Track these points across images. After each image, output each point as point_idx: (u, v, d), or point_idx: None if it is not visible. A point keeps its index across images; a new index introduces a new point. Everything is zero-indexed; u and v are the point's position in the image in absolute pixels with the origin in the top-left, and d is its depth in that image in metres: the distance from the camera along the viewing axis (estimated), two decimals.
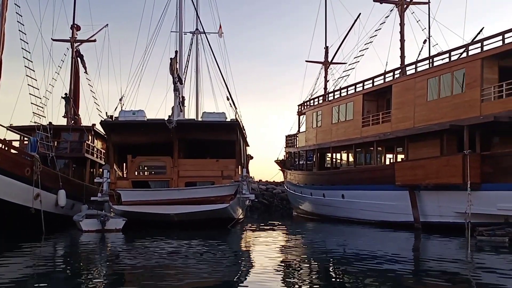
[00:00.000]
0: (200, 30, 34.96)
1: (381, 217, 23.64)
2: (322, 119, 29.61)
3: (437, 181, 20.13)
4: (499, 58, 18.86)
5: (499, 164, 18.50)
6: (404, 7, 28.03)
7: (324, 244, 17.68)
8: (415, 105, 22.19)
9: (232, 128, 22.74)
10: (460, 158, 18.98)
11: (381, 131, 24.09)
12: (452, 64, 20.34)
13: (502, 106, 18.09)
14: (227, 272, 11.57)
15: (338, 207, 27.07)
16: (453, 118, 20.01)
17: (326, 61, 38.46)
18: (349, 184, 25.94)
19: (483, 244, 16.27)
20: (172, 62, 20.70)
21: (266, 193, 44.11)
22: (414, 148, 22.85)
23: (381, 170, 23.87)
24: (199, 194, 21.91)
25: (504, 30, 18.25)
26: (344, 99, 27.62)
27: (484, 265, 12.98)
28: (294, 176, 33.47)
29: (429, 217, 21.33)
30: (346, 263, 12.81)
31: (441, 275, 11.47)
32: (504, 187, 18.13)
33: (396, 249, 16.16)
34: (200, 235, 18.61)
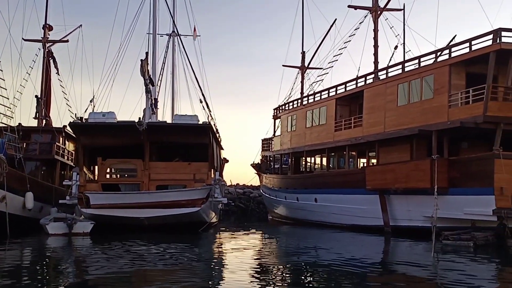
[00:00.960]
0: (176, 32, 34.90)
1: (352, 221, 23.77)
2: (297, 123, 29.72)
3: (406, 185, 20.32)
4: (466, 65, 19.16)
5: (466, 169, 18.78)
6: (378, 13, 28.34)
7: (296, 248, 17.70)
8: (385, 110, 22.41)
9: (204, 131, 22.63)
10: (428, 163, 19.20)
11: (353, 136, 24.27)
12: (421, 70, 20.61)
13: (468, 111, 18.37)
14: (198, 277, 11.50)
15: (311, 211, 27.14)
16: (422, 123, 20.24)
17: (302, 65, 38.70)
18: (321, 188, 26.03)
19: (449, 248, 16.49)
20: (143, 64, 20.52)
21: (243, 197, 44.06)
22: (385, 153, 23.08)
23: (352, 174, 24.02)
24: (170, 198, 21.73)
25: (471, 37, 18.56)
26: (317, 103, 27.77)
27: (446, 268, 13.16)
28: (269, 180, 33.48)
29: (398, 221, 21.51)
30: (317, 267, 12.86)
31: (403, 278, 11.62)
32: (470, 191, 18.39)
33: (364, 253, 16.31)
34: (171, 239, 18.46)
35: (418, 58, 21.12)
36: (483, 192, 17.83)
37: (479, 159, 18.34)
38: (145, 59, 20.84)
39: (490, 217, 17.67)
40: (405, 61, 21.99)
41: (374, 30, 28.37)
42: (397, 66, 22.35)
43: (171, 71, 36.39)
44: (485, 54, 17.77)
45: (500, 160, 17.37)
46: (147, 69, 21.20)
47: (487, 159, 17.88)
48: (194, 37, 30.99)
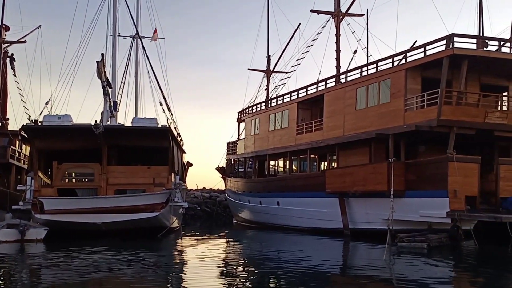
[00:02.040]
0: (140, 34, 34.37)
1: (313, 224, 23.84)
2: (260, 127, 29.69)
3: (364, 188, 20.52)
4: (422, 69, 19.50)
5: (421, 172, 19.08)
6: (339, 18, 28.68)
7: (258, 252, 17.66)
8: (345, 114, 22.60)
9: (164, 134, 22.30)
10: (385, 166, 19.43)
11: (314, 139, 24.38)
12: (379, 74, 20.87)
13: (423, 115, 18.67)
14: (157, 283, 11.24)
15: (273, 214, 27.12)
16: (379, 126, 20.48)
17: (268, 69, 38.84)
18: (284, 191, 26.06)
19: (404, 250, 16.68)
20: (99, 66, 20.06)
21: (209, 201, 43.65)
22: (345, 156, 23.26)
23: (313, 178, 24.12)
24: (128, 202, 21.31)
25: (426, 42, 18.91)
26: (280, 107, 27.82)
27: (398, 269, 13.36)
28: (234, 184, 33.33)
29: (358, 224, 21.69)
30: (278, 271, 12.82)
31: (358, 281, 11.74)
32: (425, 194, 18.68)
33: (323, 256, 16.39)
34: (129, 245, 18.07)
35: (376, 63, 21.40)
36: (438, 194, 18.14)
37: (433, 162, 18.68)
38: (101, 60, 20.39)
39: (444, 219, 17.99)
40: (363, 65, 22.23)
41: (336, 35, 28.71)
42: (356, 70, 22.56)
43: (134, 73, 35.78)
44: (439, 59, 18.12)
45: (453, 163, 17.72)
46: (104, 71, 20.75)
47: (441, 162, 18.21)
48: (154, 39, 30.54)
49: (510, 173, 18.84)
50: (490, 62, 18.90)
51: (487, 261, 15.53)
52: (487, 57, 18.06)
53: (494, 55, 18.19)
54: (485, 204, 19.00)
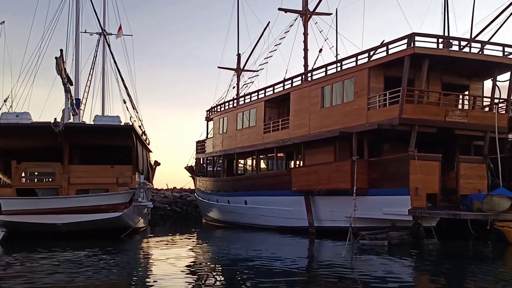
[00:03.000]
0: (106, 31, 33.76)
1: (279, 223, 23.81)
2: (228, 125, 29.51)
3: (328, 186, 20.57)
4: (385, 68, 19.64)
5: (384, 170, 19.23)
6: (307, 17, 28.72)
7: (223, 251, 17.58)
8: (310, 113, 22.62)
9: (127, 132, 21.87)
10: (348, 164, 19.51)
11: (281, 138, 24.35)
12: (343, 73, 20.95)
13: (385, 114, 18.82)
14: (119, 284, 10.98)
15: (241, 213, 26.99)
16: (344, 125, 20.57)
17: (238, 67, 38.64)
18: (251, 190, 25.95)
19: (365, 248, 16.76)
20: (58, 62, 19.49)
21: (180, 201, 43.23)
22: (310, 155, 23.28)
23: (279, 176, 24.08)
24: (89, 203, 20.81)
25: (388, 41, 19.05)
26: (248, 105, 27.70)
27: (356, 266, 13.46)
28: (203, 183, 33.06)
29: (323, 222, 21.74)
30: (245, 271, 12.73)
31: (316, 278, 11.80)
32: (388, 192, 18.84)
33: (287, 255, 16.23)
34: (91, 246, 17.63)
35: (340, 61, 21.47)
36: (400, 192, 18.31)
37: (395, 161, 18.84)
38: (60, 56, 19.83)
39: (406, 216, 18.17)
40: (328, 64, 22.28)
41: (304, 34, 28.73)
42: (322, 69, 22.59)
43: (101, 71, 35.09)
44: (401, 58, 18.28)
45: (415, 161, 17.90)
46: (64, 67, 20.20)
47: (402, 160, 18.38)
48: (119, 35, 29.98)
49: (470, 171, 19.15)
50: (451, 62, 19.18)
51: (445, 257, 15.73)
52: (447, 56, 18.31)
53: (454, 54, 18.46)
54: (446, 202, 19.26)
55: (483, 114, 19.73)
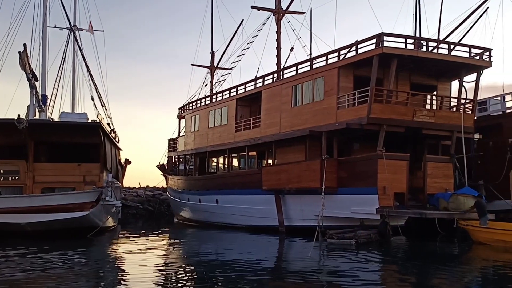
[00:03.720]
0: (77, 27, 33.06)
1: (250, 222, 23.71)
2: (200, 123, 29.24)
3: (298, 185, 20.56)
4: (354, 68, 19.70)
5: (352, 169, 19.31)
6: (280, 15, 28.68)
7: (192, 250, 17.43)
8: (281, 111, 22.56)
9: (94, 130, 21.42)
10: (318, 163, 19.53)
11: (252, 136, 24.23)
12: (313, 72, 20.94)
13: (354, 113, 18.88)
14: (85, 284, 10.69)
15: (212, 212, 26.79)
16: (314, 124, 20.57)
17: (212, 65, 38.39)
18: (222, 189, 25.77)
19: (333, 247, 16.78)
20: (22, 57, 18.90)
21: (153, 200, 42.76)
22: (282, 153, 23.25)
23: (250, 175, 23.97)
24: (54, 201, 20.26)
25: (358, 41, 19.10)
26: (219, 103, 27.48)
27: (322, 265, 13.51)
28: (174, 182, 32.70)
29: (293, 221, 21.73)
30: (214, 270, 12.60)
31: (281, 276, 11.79)
32: (357, 191, 18.92)
33: (255, 254, 16.18)
34: (57, 246, 17.17)
35: (310, 60, 21.45)
36: (368, 191, 18.41)
37: (364, 160, 18.94)
38: (23, 51, 19.24)
39: (374, 215, 18.28)
40: (298, 63, 22.24)
41: (276, 32, 28.69)
42: (292, 68, 22.55)
43: (71, 66, 34.30)
44: (370, 57, 18.36)
45: (383, 160, 18.02)
46: (28, 63, 19.62)
47: (370, 159, 18.48)
48: (90, 31, 29.35)
49: (436, 170, 19.38)
50: (420, 62, 19.39)
51: (412, 256, 15.88)
52: (415, 56, 18.48)
53: (422, 54, 18.64)
54: (414, 201, 19.46)
55: (450, 114, 20.00)
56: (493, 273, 12.51)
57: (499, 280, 11.56)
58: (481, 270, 12.97)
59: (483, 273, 12.61)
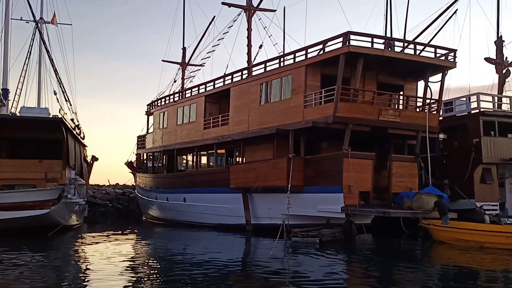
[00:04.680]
0: (44, 19, 32.15)
1: (218, 220, 23.47)
2: (168, 120, 28.79)
3: (266, 184, 20.42)
4: (322, 66, 19.64)
5: (319, 168, 19.27)
6: (251, 12, 28.48)
7: (158, 249, 17.17)
8: (249, 109, 22.37)
9: (56, 125, 20.78)
10: (285, 162, 19.41)
11: (220, 134, 23.96)
12: (281, 70, 20.81)
13: (321, 112, 18.83)
14: (45, 284, 10.32)
15: (180, 211, 26.43)
16: (281, 122, 20.44)
17: (183, 61, 37.94)
18: (190, 187, 25.43)
19: (297, 245, 16.70)
20: None
21: (122, 197, 42.05)
22: (250, 152, 23.06)
23: (218, 173, 23.71)
24: (14, 199, 19.59)
25: (325, 39, 19.05)
26: (188, 100, 27.10)
27: (286, 263, 13.47)
28: (142, 179, 32.17)
29: (260, 219, 21.58)
30: (173, 269, 12.46)
31: (244, 275, 11.78)
32: (323, 189, 18.88)
33: (221, 254, 15.99)
34: (16, 244, 16.57)
35: (278, 58, 21.31)
36: (333, 190, 18.40)
37: (329, 158, 18.92)
38: None
39: (339, 214, 18.28)
40: (267, 60, 22.07)
41: (247, 29, 28.49)
42: (260, 65, 22.37)
43: (37, 60, 33.32)
44: (337, 56, 18.31)
45: (348, 159, 18.02)
46: None
47: (336, 158, 18.47)
48: (54, 23, 28.45)
49: (401, 169, 19.51)
50: (386, 62, 19.45)
51: (374, 255, 15.93)
52: (381, 56, 18.52)
53: (388, 54, 18.70)
54: (379, 200, 19.54)
55: (415, 114, 20.16)
56: (452, 272, 12.61)
57: (458, 279, 11.66)
58: (441, 270, 13.05)
59: (442, 272, 12.69)
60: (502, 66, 26.68)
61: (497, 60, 26.72)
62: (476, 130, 21.31)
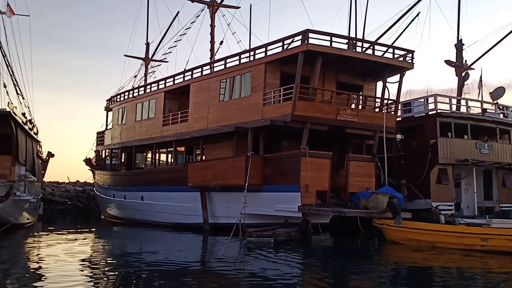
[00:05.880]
0: None
1: (176, 219, 23.01)
2: (127, 116, 28.07)
3: (224, 182, 20.11)
4: (281, 64, 19.47)
5: (277, 167, 19.09)
6: (215, 8, 28.11)
7: (113, 249, 16.76)
8: (209, 106, 21.99)
9: (4, 119, 19.87)
10: (243, 160, 19.15)
11: (179, 131, 23.48)
12: (241, 67, 20.52)
13: (279, 110, 18.66)
14: None
15: (137, 209, 25.81)
16: (241, 120, 20.17)
17: (146, 57, 37.20)
18: (148, 185, 24.86)
19: (251, 245, 16.45)
20: None
21: (82, 195, 40.92)
22: (210, 149, 22.70)
23: (176, 171, 23.23)
24: None
25: (284, 36, 18.86)
26: (147, 95, 26.48)
27: (239, 264, 13.24)
28: (101, 177, 31.31)
29: (218, 219, 21.25)
30: (129, 269, 12.11)
31: (196, 276, 11.48)
32: (280, 188, 18.71)
33: (171, 253, 15.66)
34: None
35: (239, 55, 21.01)
36: (291, 189, 18.25)
37: (287, 157, 18.78)
38: None
39: (296, 213, 18.15)
40: (227, 57, 21.74)
41: (210, 25, 28.10)
42: (221, 61, 22.04)
43: None
44: (295, 54, 18.15)
45: (306, 158, 17.91)
46: None
47: (294, 157, 18.34)
48: (8, 14, 27.28)
49: (358, 169, 19.53)
50: (346, 61, 19.44)
51: (328, 254, 15.84)
52: (339, 55, 18.47)
53: (346, 53, 18.67)
54: (336, 199, 19.53)
55: (373, 114, 20.22)
56: (403, 270, 12.68)
57: (408, 276, 11.68)
58: (393, 269, 13.07)
59: (395, 271, 12.71)
60: (461, 68, 27.24)
61: (456, 63, 27.27)
62: (433, 131, 21.58)
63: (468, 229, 16.27)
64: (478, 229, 16.37)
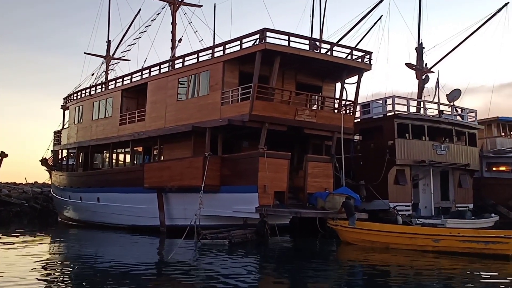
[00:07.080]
0: None
1: (132, 222, 22.40)
2: (83, 115, 27.20)
3: (181, 183, 19.69)
4: (240, 63, 19.21)
5: (235, 167, 18.82)
6: (176, 6, 27.61)
7: (67, 253, 16.23)
8: (166, 105, 21.51)
9: None
10: (201, 161, 18.77)
11: (137, 130, 22.88)
12: (199, 65, 20.15)
13: (237, 110, 18.39)
14: None
15: (94, 211, 25.03)
16: (199, 119, 19.79)
17: (107, 54, 36.22)
18: (104, 186, 24.11)
19: (206, 247, 16.10)
20: None
21: (40, 197, 39.55)
22: (169, 149, 22.19)
23: (133, 172, 22.62)
24: None
25: (242, 35, 18.59)
26: (104, 94, 25.71)
27: (191, 267, 12.96)
28: (57, 178, 30.26)
29: (176, 220, 20.77)
30: (83, 272, 11.89)
31: (149, 279, 11.25)
32: (238, 189, 18.44)
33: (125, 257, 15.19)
34: None
35: (197, 53, 20.62)
36: (249, 190, 18.03)
37: (245, 158, 18.55)
38: None
39: (253, 214, 17.92)
40: (185, 55, 21.31)
41: (172, 23, 27.59)
42: (179, 59, 21.59)
43: None
44: (253, 53, 17.92)
45: (264, 158, 17.71)
46: None
47: (252, 157, 18.12)
48: None
49: (316, 170, 19.47)
50: (305, 62, 19.34)
51: (283, 256, 15.65)
52: (297, 55, 18.34)
53: (304, 53, 18.55)
54: (295, 200, 19.41)
55: (331, 115, 20.21)
56: (357, 270, 12.64)
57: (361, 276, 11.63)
58: (348, 269, 13.01)
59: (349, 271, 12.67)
60: (421, 71, 27.69)
61: (417, 66, 27.71)
62: (391, 132, 21.80)
63: (420, 230, 16.41)
64: (430, 229, 16.54)
